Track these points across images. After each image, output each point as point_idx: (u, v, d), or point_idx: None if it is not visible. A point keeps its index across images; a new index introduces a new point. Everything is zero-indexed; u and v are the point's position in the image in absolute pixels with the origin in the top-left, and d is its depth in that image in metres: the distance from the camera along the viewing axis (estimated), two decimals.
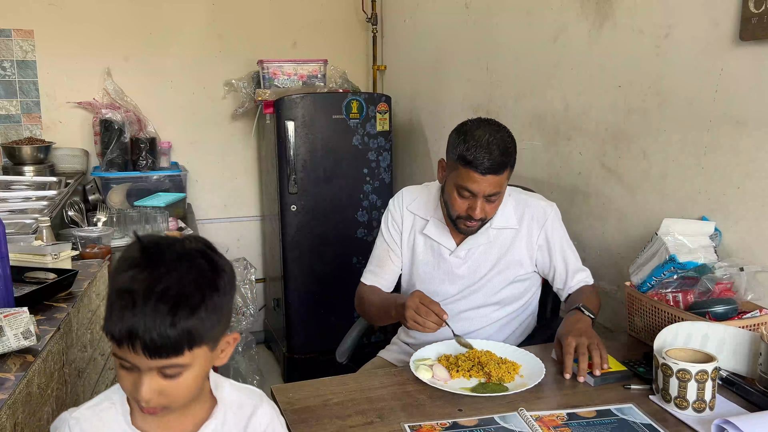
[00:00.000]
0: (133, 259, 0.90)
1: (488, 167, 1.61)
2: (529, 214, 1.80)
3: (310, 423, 1.29)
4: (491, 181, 1.63)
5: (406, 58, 3.51)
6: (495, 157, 1.61)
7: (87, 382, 1.62)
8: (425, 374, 1.46)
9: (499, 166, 1.62)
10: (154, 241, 0.92)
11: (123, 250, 0.94)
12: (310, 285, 3.26)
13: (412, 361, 1.54)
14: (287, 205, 3.17)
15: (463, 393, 1.41)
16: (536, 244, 1.80)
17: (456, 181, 1.66)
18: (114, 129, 3.21)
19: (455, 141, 1.67)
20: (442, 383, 1.45)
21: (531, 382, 1.43)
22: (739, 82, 1.62)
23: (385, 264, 1.91)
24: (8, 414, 1.03)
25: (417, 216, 1.87)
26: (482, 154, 1.60)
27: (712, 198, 1.71)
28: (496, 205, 1.71)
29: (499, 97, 2.64)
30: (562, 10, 2.22)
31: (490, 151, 1.60)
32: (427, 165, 3.32)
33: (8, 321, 1.18)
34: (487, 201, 1.66)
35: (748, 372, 1.42)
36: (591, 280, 1.83)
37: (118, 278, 0.90)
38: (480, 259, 1.81)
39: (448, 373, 1.49)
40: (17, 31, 3.23)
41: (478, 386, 1.44)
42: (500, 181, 1.64)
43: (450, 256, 1.82)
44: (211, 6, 3.56)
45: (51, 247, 1.80)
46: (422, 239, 1.86)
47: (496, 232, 1.79)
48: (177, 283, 0.88)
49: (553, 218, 1.81)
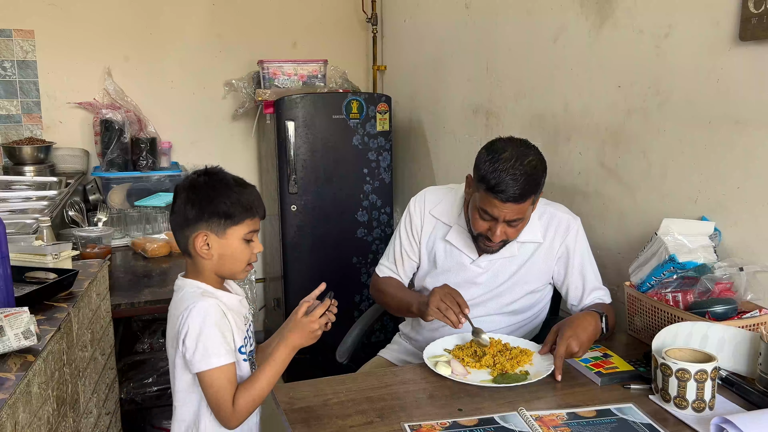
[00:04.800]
0: (217, 174, 1.40)
1: (510, 196, 1.55)
2: (554, 227, 1.78)
3: (310, 423, 1.29)
4: (512, 208, 1.58)
5: (406, 58, 3.51)
6: (518, 186, 1.54)
7: (87, 382, 1.62)
8: (445, 370, 1.47)
9: (522, 196, 1.56)
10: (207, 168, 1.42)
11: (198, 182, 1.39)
12: (310, 285, 3.22)
13: (427, 358, 1.54)
14: (287, 205, 3.18)
15: (484, 385, 1.42)
16: (556, 256, 1.78)
17: (478, 202, 1.62)
18: (114, 129, 3.21)
19: (481, 160, 1.61)
20: (462, 377, 1.46)
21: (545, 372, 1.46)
22: (739, 82, 1.62)
23: (401, 263, 1.90)
24: (8, 414, 1.03)
25: (440, 221, 1.84)
26: (505, 181, 1.54)
27: (712, 198, 1.71)
28: (519, 229, 1.66)
29: (499, 97, 2.64)
30: (562, 10, 2.22)
31: (514, 178, 1.54)
32: (427, 165, 3.33)
33: (9, 321, 1.18)
34: (508, 225, 1.62)
35: (748, 372, 1.43)
36: (608, 300, 1.79)
37: (228, 183, 1.38)
38: (500, 269, 1.78)
39: (464, 367, 1.51)
40: (17, 31, 3.23)
41: (498, 377, 1.45)
42: (522, 208, 1.59)
43: (471, 264, 1.79)
44: (211, 6, 3.56)
45: (51, 247, 1.80)
46: (443, 245, 1.83)
47: (519, 246, 1.77)
48: (257, 193, 1.42)
49: (576, 232, 1.78)
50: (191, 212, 1.36)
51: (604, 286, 1.81)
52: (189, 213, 1.36)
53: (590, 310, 1.63)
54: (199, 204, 1.35)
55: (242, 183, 1.41)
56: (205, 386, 1.31)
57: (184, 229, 1.37)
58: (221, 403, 1.30)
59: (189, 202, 1.36)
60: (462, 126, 2.93)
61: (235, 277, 1.44)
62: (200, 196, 1.36)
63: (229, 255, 1.38)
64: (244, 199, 1.38)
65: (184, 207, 1.36)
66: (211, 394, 1.31)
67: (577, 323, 1.54)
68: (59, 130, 3.35)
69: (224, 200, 1.35)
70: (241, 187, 1.40)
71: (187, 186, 1.39)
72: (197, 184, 1.38)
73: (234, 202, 1.36)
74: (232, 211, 1.36)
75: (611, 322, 1.68)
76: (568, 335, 1.50)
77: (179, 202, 1.38)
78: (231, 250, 1.37)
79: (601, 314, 1.60)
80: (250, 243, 1.40)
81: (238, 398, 1.31)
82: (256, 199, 1.41)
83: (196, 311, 1.32)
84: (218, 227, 1.35)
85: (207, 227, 1.35)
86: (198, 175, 1.39)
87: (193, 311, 1.33)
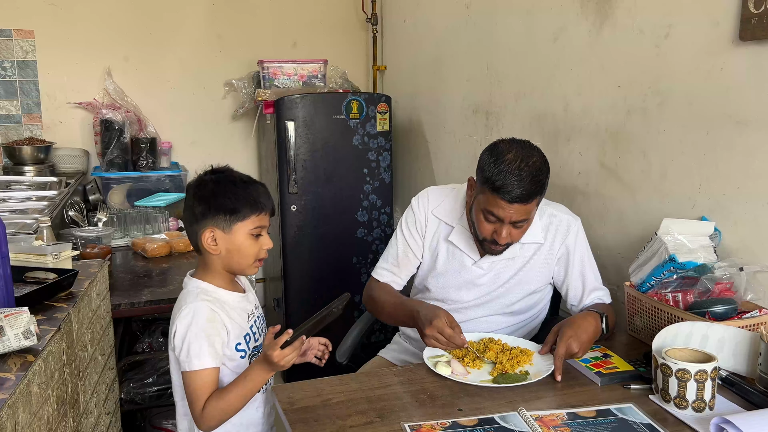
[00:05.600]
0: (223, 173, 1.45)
1: (516, 196, 1.55)
2: (554, 227, 1.77)
3: (310, 423, 1.29)
4: (518, 209, 1.58)
5: (406, 58, 3.51)
6: (524, 187, 1.54)
7: (87, 382, 1.62)
8: (445, 370, 1.47)
9: (528, 196, 1.56)
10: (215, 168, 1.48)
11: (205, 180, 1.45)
12: (310, 285, 3.26)
13: (427, 358, 1.54)
14: (287, 205, 3.18)
15: (484, 385, 1.42)
16: (555, 257, 1.78)
17: (483, 204, 1.61)
18: (114, 129, 3.21)
19: (485, 162, 1.61)
20: (462, 377, 1.46)
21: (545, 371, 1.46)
22: (739, 83, 1.62)
23: (403, 264, 1.87)
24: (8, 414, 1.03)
25: (442, 221, 1.83)
26: (510, 182, 1.54)
27: (712, 198, 1.71)
28: (524, 230, 1.66)
29: (499, 97, 2.64)
30: (562, 10, 2.22)
31: (520, 179, 1.54)
32: (427, 165, 3.33)
33: (9, 321, 1.18)
34: (513, 226, 1.62)
35: (748, 372, 1.43)
36: (608, 300, 1.79)
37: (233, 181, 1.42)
38: (501, 270, 1.78)
39: (464, 367, 1.51)
40: (18, 31, 3.23)
41: (498, 377, 1.45)
42: (528, 209, 1.60)
43: (473, 265, 1.79)
44: (211, 6, 3.56)
45: (51, 247, 1.80)
46: (446, 246, 1.82)
47: (521, 247, 1.77)
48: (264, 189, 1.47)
49: (576, 233, 1.78)
50: (198, 209, 1.41)
51: (604, 287, 1.81)
52: (196, 210, 1.42)
53: (590, 311, 1.63)
54: (206, 201, 1.41)
55: (248, 180, 1.46)
56: (185, 385, 1.38)
57: (193, 226, 1.43)
58: (193, 405, 1.37)
59: (196, 199, 1.42)
60: (462, 126, 2.93)
61: (244, 272, 1.48)
62: (206, 194, 1.41)
63: (236, 250, 1.42)
64: (249, 195, 1.41)
65: (192, 204, 1.43)
66: (188, 393, 1.38)
67: (578, 324, 1.54)
68: (59, 130, 3.36)
69: (229, 196, 1.40)
70: (247, 184, 1.44)
71: (195, 184, 1.45)
72: (204, 182, 1.43)
73: (238, 198, 1.40)
74: (236, 207, 1.40)
75: (611, 322, 1.68)
76: (568, 335, 1.50)
77: (188, 200, 1.45)
78: (237, 245, 1.41)
79: (601, 314, 1.60)
80: (258, 238, 1.43)
81: (208, 405, 1.35)
82: (262, 195, 1.44)
83: (185, 312, 1.38)
84: (224, 223, 1.40)
85: (213, 223, 1.40)
86: (206, 174, 1.45)
87: (183, 311, 1.38)
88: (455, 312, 1.82)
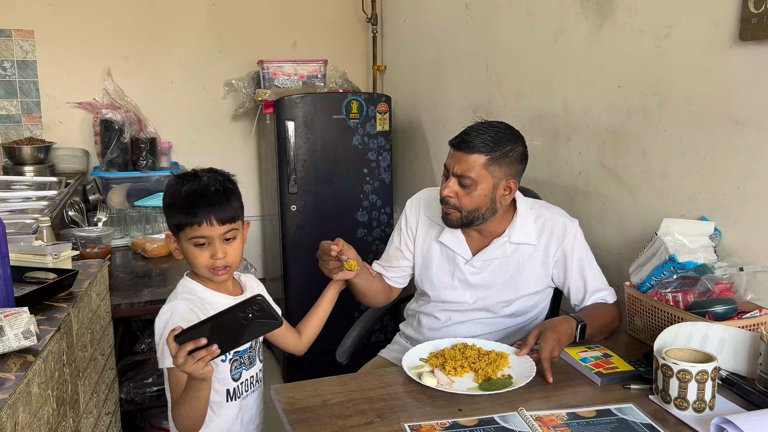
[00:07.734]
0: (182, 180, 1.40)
1: (459, 141, 1.66)
2: (549, 230, 1.77)
3: (310, 423, 1.29)
4: (460, 157, 1.66)
5: (406, 58, 3.51)
6: (470, 135, 1.65)
7: (87, 382, 1.62)
8: (431, 381, 1.45)
9: (470, 145, 1.65)
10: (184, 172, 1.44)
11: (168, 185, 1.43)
12: (310, 285, 3.24)
13: (408, 369, 1.50)
14: (287, 205, 3.18)
15: (471, 393, 1.41)
16: (553, 260, 1.77)
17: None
18: (114, 129, 3.21)
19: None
20: (448, 387, 1.44)
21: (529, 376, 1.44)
22: (739, 83, 1.62)
23: (392, 263, 1.92)
24: (8, 414, 1.03)
25: (433, 222, 1.85)
26: (462, 132, 1.68)
27: (712, 198, 1.71)
28: (471, 196, 1.68)
29: (499, 97, 2.64)
30: (562, 10, 2.22)
31: (471, 129, 1.67)
32: (427, 165, 3.33)
33: (8, 321, 1.18)
34: (460, 185, 1.68)
35: (748, 372, 1.43)
36: (611, 299, 1.78)
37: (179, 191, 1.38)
38: (495, 271, 1.79)
39: (447, 377, 1.49)
40: (17, 31, 3.23)
41: (484, 384, 1.45)
42: (471, 162, 1.65)
43: (465, 264, 1.80)
44: (211, 6, 3.56)
45: (51, 247, 1.80)
46: (438, 246, 1.84)
47: (514, 247, 1.77)
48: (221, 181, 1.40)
49: (573, 235, 1.77)
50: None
51: (608, 287, 1.79)
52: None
53: (570, 316, 1.62)
54: (163, 208, 1.47)
55: (199, 189, 1.38)
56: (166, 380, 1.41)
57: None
58: (170, 400, 1.40)
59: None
60: (462, 126, 2.90)
61: (210, 279, 1.44)
62: (164, 200, 1.45)
63: (187, 258, 1.43)
64: (185, 205, 1.38)
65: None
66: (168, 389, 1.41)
67: (560, 328, 1.56)
68: (59, 130, 3.36)
69: (173, 206, 1.41)
70: (190, 194, 1.38)
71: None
72: (166, 187, 1.46)
73: (179, 208, 1.40)
74: (174, 217, 1.41)
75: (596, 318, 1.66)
76: (552, 339, 1.51)
77: None
78: (186, 253, 1.43)
79: (579, 322, 1.59)
80: (205, 248, 1.39)
81: (173, 407, 1.36)
82: (201, 207, 1.37)
83: (164, 310, 1.40)
84: (173, 230, 1.43)
85: (169, 230, 1.45)
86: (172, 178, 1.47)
87: (162, 309, 1.41)
88: (454, 312, 1.83)
